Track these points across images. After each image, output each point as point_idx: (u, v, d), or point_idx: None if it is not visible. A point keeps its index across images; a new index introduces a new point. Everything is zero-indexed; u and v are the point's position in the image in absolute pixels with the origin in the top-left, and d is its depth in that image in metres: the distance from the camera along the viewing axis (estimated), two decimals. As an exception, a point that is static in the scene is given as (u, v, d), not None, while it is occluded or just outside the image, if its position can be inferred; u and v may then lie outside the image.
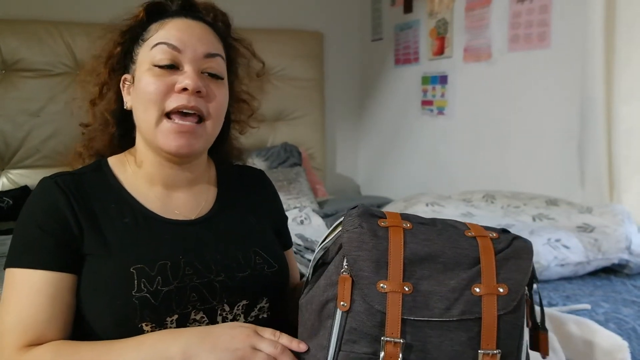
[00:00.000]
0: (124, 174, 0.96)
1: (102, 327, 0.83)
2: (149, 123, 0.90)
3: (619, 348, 1.19)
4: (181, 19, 0.94)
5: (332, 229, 0.84)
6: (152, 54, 0.90)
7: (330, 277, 0.79)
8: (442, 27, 2.72)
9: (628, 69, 1.83)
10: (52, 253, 0.84)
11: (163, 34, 0.92)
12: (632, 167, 1.88)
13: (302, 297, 0.84)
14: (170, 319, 0.84)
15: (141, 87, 0.91)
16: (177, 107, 0.88)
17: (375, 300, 0.74)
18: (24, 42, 2.56)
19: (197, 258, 0.90)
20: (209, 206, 1.00)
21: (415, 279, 0.75)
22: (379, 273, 0.75)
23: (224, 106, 0.97)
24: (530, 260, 0.78)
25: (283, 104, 3.28)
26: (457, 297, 0.74)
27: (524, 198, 2.08)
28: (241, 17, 1.11)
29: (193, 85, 0.88)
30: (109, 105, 0.99)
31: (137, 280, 0.83)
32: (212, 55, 0.93)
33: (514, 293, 0.75)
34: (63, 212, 0.86)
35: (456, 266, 0.77)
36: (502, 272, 0.76)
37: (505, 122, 2.42)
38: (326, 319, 0.77)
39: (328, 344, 0.76)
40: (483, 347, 0.72)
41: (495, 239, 0.80)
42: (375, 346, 0.73)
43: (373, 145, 3.56)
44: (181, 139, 0.89)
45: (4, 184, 2.62)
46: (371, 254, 0.76)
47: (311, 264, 0.86)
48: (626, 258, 1.70)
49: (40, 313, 0.82)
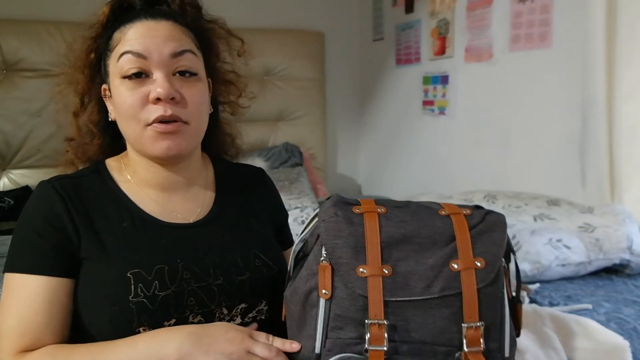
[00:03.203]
0: (121, 177, 0.96)
1: (100, 331, 0.83)
2: (134, 134, 0.89)
3: (620, 348, 1.19)
4: (141, 21, 0.90)
5: (309, 221, 0.86)
6: (120, 65, 0.88)
7: (311, 267, 0.81)
8: (444, 27, 2.72)
9: (629, 68, 1.83)
10: (49, 258, 0.84)
11: (126, 42, 0.88)
12: (634, 166, 1.88)
13: (286, 290, 0.86)
14: (168, 324, 0.84)
15: (117, 101, 0.89)
16: (156, 118, 0.86)
17: (357, 285, 0.76)
18: (25, 42, 2.56)
19: (195, 262, 0.89)
20: (207, 208, 0.99)
21: (393, 261, 0.77)
22: (357, 258, 0.77)
23: (202, 103, 0.94)
24: (504, 233, 0.81)
25: (284, 104, 3.29)
26: (436, 275, 0.76)
27: (525, 198, 2.08)
28: (242, 17, 1.10)
29: (165, 94, 0.86)
30: (92, 116, 0.98)
31: (134, 285, 0.82)
32: (179, 53, 0.89)
33: (491, 266, 0.77)
34: (60, 217, 0.85)
35: (432, 245, 0.79)
36: (478, 246, 0.78)
37: (507, 122, 2.41)
38: (311, 309, 0.79)
39: (315, 333, 0.77)
40: (466, 321, 0.74)
41: (469, 215, 0.82)
42: (360, 330, 0.75)
43: (374, 145, 3.56)
44: (167, 141, 0.88)
45: (5, 184, 2.62)
46: (348, 240, 0.78)
47: (291, 257, 0.88)
48: (627, 258, 1.70)
49: (37, 317, 0.82)
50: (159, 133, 0.87)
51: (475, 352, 0.73)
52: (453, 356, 0.74)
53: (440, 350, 0.74)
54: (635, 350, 1.23)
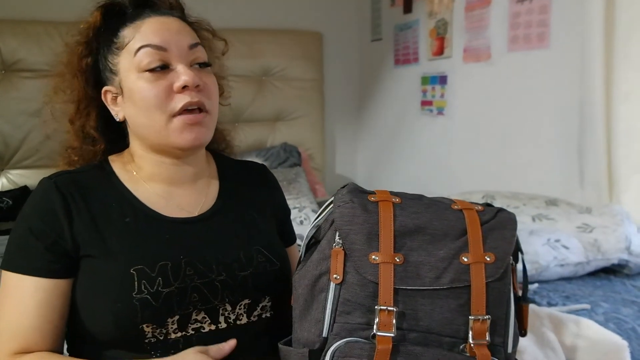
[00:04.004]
0: (125, 173, 0.95)
1: (103, 327, 0.83)
2: (156, 127, 0.89)
3: (619, 348, 1.20)
4: (152, 17, 0.91)
5: (324, 208, 0.87)
6: (138, 60, 0.88)
7: (323, 251, 0.82)
8: (442, 28, 2.72)
9: (627, 69, 1.83)
10: (44, 259, 0.84)
11: (142, 36, 0.89)
12: (632, 167, 1.88)
13: (296, 274, 0.87)
14: (172, 320, 0.84)
15: (137, 95, 0.88)
16: (184, 105, 0.88)
17: (368, 272, 0.77)
18: (23, 42, 2.56)
19: (198, 258, 0.89)
20: (211, 201, 0.99)
21: (405, 250, 0.79)
22: (370, 245, 0.78)
23: (217, 94, 0.97)
24: (514, 231, 0.82)
25: (282, 104, 3.28)
26: (446, 267, 0.77)
27: (524, 198, 2.08)
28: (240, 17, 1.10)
29: (192, 82, 0.88)
30: (92, 121, 0.97)
31: (137, 282, 0.83)
32: (195, 45, 0.92)
33: (500, 261, 0.78)
34: (58, 217, 0.85)
35: (444, 237, 0.80)
36: (489, 241, 0.80)
37: (505, 122, 2.42)
38: (319, 293, 0.80)
39: (323, 317, 0.78)
40: (473, 313, 0.76)
41: (481, 212, 0.84)
42: (368, 316, 0.76)
43: (372, 146, 3.56)
44: (193, 132, 0.90)
45: (4, 184, 2.62)
46: (362, 227, 0.79)
47: (304, 242, 0.88)
48: (626, 258, 1.70)
49: (29, 320, 0.82)
50: (186, 124, 0.89)
51: (480, 345, 0.74)
52: (458, 347, 0.75)
53: (446, 340, 0.75)
54: (634, 350, 1.23)
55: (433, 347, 0.75)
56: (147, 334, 0.83)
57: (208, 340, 0.87)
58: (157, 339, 0.84)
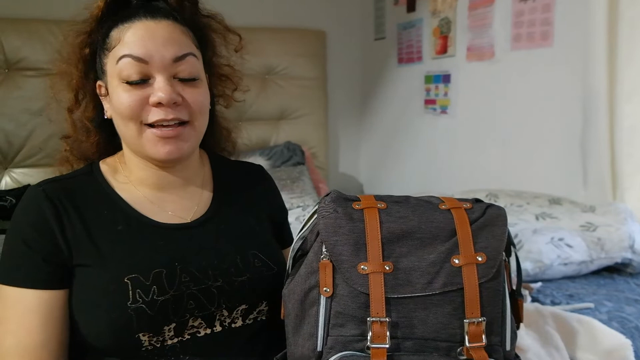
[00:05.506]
0: (115, 179, 0.93)
1: (99, 337, 0.82)
2: (131, 135, 0.87)
3: (622, 346, 1.19)
4: (141, 21, 0.86)
5: (308, 218, 0.85)
6: (119, 68, 0.85)
7: (311, 264, 0.80)
8: (445, 26, 2.71)
9: (631, 67, 1.82)
10: (40, 270, 0.82)
11: (125, 44, 0.85)
12: (635, 165, 1.87)
13: (285, 288, 0.85)
14: (168, 328, 0.83)
15: (115, 102, 0.87)
16: (156, 121, 0.85)
17: (358, 283, 0.75)
18: (26, 41, 2.56)
19: (193, 264, 0.87)
20: (205, 207, 0.97)
21: (394, 257, 0.77)
22: (358, 255, 0.77)
23: (205, 103, 0.92)
24: (504, 227, 0.80)
25: (286, 102, 3.28)
26: (438, 271, 0.76)
27: (527, 197, 2.08)
28: (244, 15, 1.09)
29: (167, 99, 0.84)
30: (87, 112, 0.95)
31: (131, 291, 0.81)
32: (181, 57, 0.87)
33: (492, 260, 0.77)
34: (50, 226, 0.83)
35: (433, 240, 0.78)
36: (479, 241, 0.78)
37: (508, 121, 2.41)
38: (310, 307, 0.79)
39: (315, 331, 0.77)
40: (468, 317, 0.74)
41: (469, 209, 0.82)
42: (362, 327, 0.75)
43: (376, 144, 3.56)
44: (168, 145, 0.87)
45: (7, 183, 2.62)
46: (349, 237, 0.78)
47: (290, 255, 0.87)
48: (629, 257, 1.69)
49: (35, 337, 0.80)
50: (160, 136, 0.86)
51: (477, 348, 0.73)
52: (455, 351, 0.74)
53: (442, 345, 0.74)
54: (637, 349, 1.23)
55: (429, 354, 0.74)
56: (144, 342, 0.82)
57: (203, 344, 0.86)
58: (153, 346, 0.83)
